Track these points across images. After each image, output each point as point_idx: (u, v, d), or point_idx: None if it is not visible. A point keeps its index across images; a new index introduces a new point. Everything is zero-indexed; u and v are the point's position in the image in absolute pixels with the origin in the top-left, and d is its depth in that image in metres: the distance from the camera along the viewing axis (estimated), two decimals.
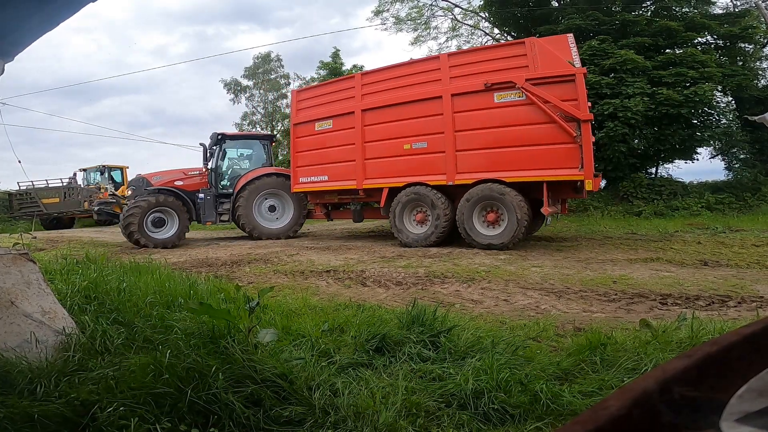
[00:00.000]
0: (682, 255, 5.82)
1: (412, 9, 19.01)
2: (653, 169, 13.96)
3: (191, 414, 1.69)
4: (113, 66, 55.97)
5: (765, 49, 15.20)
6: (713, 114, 12.77)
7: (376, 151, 7.81)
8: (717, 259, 5.43)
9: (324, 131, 8.53)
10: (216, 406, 1.72)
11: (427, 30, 19.58)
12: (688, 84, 11.55)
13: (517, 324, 3.12)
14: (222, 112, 59.38)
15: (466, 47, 17.40)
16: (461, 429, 1.78)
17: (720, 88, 12.78)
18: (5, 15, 2.28)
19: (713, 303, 3.63)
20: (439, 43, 20.87)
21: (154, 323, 2.51)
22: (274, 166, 10.38)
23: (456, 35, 19.50)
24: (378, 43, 51.26)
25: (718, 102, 13.18)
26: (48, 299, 2.37)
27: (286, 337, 2.58)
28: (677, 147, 12.47)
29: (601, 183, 11.22)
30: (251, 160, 10.29)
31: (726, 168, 15.60)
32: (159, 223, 8.70)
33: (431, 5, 18.84)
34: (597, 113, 10.68)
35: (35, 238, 9.98)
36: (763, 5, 10.58)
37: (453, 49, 18.05)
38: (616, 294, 3.97)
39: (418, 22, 19.29)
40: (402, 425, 1.74)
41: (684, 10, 13.73)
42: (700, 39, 13.44)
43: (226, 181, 9.71)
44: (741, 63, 14.14)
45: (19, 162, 16.26)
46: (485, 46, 10.52)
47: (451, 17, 19.23)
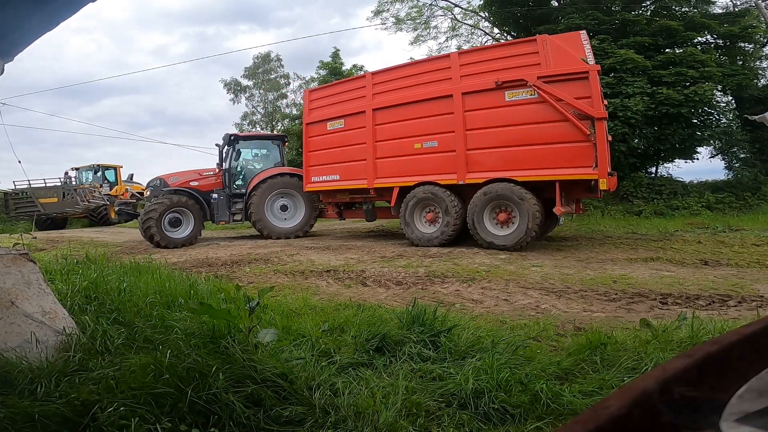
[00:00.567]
0: (682, 254, 5.82)
1: (411, 9, 19.00)
2: (653, 169, 13.95)
3: (191, 414, 1.69)
4: (113, 66, 56.07)
5: (765, 49, 15.20)
6: (713, 113, 12.76)
7: (386, 151, 7.80)
8: (717, 259, 5.43)
9: (336, 131, 8.54)
10: (216, 406, 1.72)
11: (427, 30, 19.58)
12: (688, 83, 11.54)
13: (518, 324, 3.12)
14: (222, 112, 59.54)
15: (466, 47, 17.40)
16: (461, 429, 1.78)
17: (720, 87, 12.75)
18: (5, 15, 2.28)
19: (713, 302, 3.63)
20: (439, 43, 20.91)
21: (154, 323, 2.51)
22: (285, 165, 10.47)
23: (456, 35, 19.51)
24: (378, 43, 51.42)
25: (718, 101, 13.18)
26: (48, 299, 2.37)
27: (286, 337, 2.58)
28: (677, 146, 12.46)
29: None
30: (264, 160, 10.41)
31: (726, 167, 15.63)
32: (175, 223, 8.90)
33: (431, 5, 18.84)
34: None
35: (35, 238, 9.97)
36: (763, 5, 10.56)
37: (453, 49, 18.05)
38: (616, 293, 3.97)
39: (417, 21, 19.28)
40: (402, 425, 1.74)
41: (684, 9, 13.72)
42: (700, 38, 13.42)
43: (239, 182, 9.85)
44: (741, 62, 14.12)
45: (19, 162, 16.17)
46: (496, 43, 10.40)
47: (451, 17, 19.23)
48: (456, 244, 7.24)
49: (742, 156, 14.94)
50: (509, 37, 15.98)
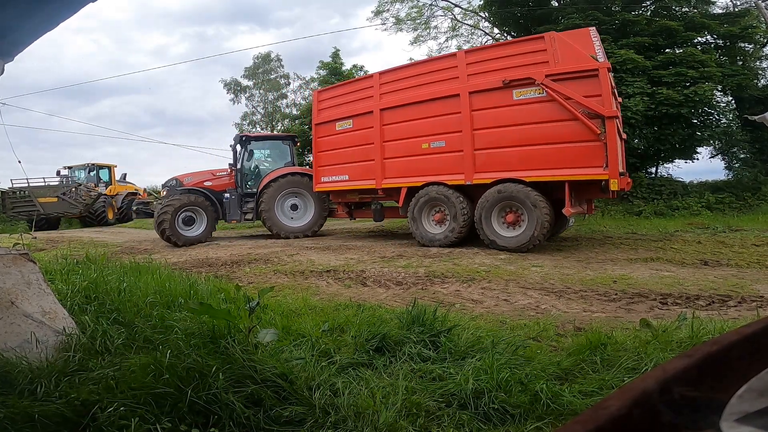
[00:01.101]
0: (682, 254, 5.82)
1: (411, 9, 19.00)
2: (653, 169, 13.95)
3: (191, 414, 1.69)
4: (113, 66, 56.05)
5: (765, 49, 15.19)
6: (713, 114, 12.75)
7: (394, 151, 7.77)
8: (717, 259, 5.43)
9: (344, 131, 8.54)
10: (216, 406, 1.72)
11: (427, 30, 19.58)
12: (688, 84, 11.54)
13: (518, 324, 3.12)
14: (222, 112, 59.55)
15: (466, 47, 17.39)
16: (461, 429, 1.78)
17: (720, 87, 12.74)
18: (5, 15, 2.28)
19: (713, 302, 3.63)
20: (439, 43, 20.89)
21: (154, 323, 2.51)
22: (296, 165, 10.55)
23: (456, 35, 19.51)
24: (378, 44, 51.27)
25: (718, 102, 13.16)
26: (48, 299, 2.37)
27: (286, 337, 2.58)
28: (677, 147, 12.45)
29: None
30: (275, 160, 10.53)
31: (726, 167, 15.61)
32: (189, 222, 9.17)
33: (431, 5, 18.84)
34: None
35: (35, 238, 9.98)
36: (763, 5, 10.56)
37: (453, 49, 18.06)
38: (616, 294, 3.97)
39: (417, 22, 19.27)
40: (402, 425, 1.74)
41: (684, 9, 13.72)
42: (699, 39, 13.42)
43: (251, 181, 9.98)
44: (741, 63, 14.12)
45: (19, 162, 16.12)
46: (503, 42, 10.27)
47: (451, 17, 19.23)
48: (458, 244, 7.22)
49: (742, 156, 14.94)
50: (509, 37, 15.96)
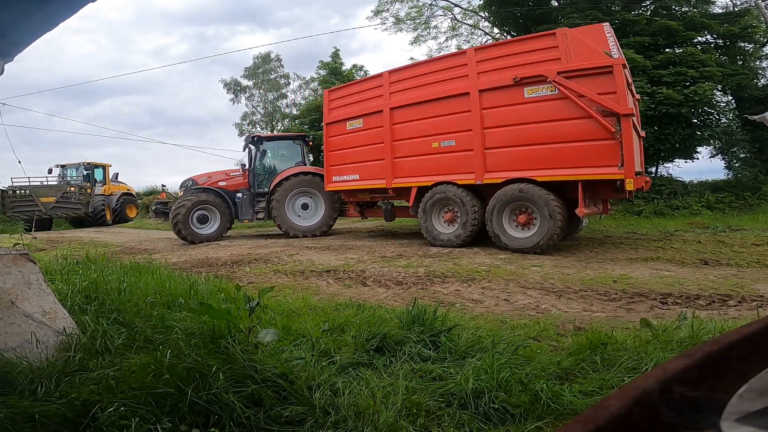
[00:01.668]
0: (682, 254, 5.82)
1: (411, 9, 18.99)
2: (653, 169, 13.93)
3: (192, 414, 1.69)
4: (113, 66, 56.01)
5: (765, 49, 15.17)
6: (713, 113, 12.75)
7: (404, 150, 7.73)
8: (717, 259, 5.43)
9: (355, 130, 8.52)
10: (216, 406, 1.72)
11: (427, 30, 19.56)
12: (688, 83, 11.53)
13: (518, 323, 3.13)
14: (222, 112, 59.57)
15: (466, 47, 17.38)
16: (462, 429, 1.78)
17: (720, 87, 12.74)
18: (5, 15, 2.28)
19: (713, 302, 3.63)
20: (439, 43, 20.92)
21: (154, 323, 2.51)
22: (308, 165, 10.60)
23: (456, 35, 19.51)
24: (377, 44, 51.29)
25: (718, 101, 13.16)
26: (48, 299, 2.37)
27: (286, 337, 2.58)
28: (677, 146, 12.44)
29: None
30: (286, 159, 10.58)
31: (726, 167, 15.58)
32: (203, 220, 9.40)
33: (431, 5, 18.83)
34: None
35: (35, 238, 9.99)
36: (763, 5, 10.56)
37: (453, 49, 18.08)
38: (616, 293, 3.97)
39: (417, 21, 19.26)
40: (402, 425, 1.74)
41: (684, 9, 13.72)
42: (699, 38, 13.41)
43: (263, 181, 10.07)
44: (741, 62, 14.10)
45: (19, 162, 16.20)
46: (514, 38, 10.15)
47: (451, 17, 19.22)
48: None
49: (742, 156, 14.93)
50: (509, 37, 15.96)
